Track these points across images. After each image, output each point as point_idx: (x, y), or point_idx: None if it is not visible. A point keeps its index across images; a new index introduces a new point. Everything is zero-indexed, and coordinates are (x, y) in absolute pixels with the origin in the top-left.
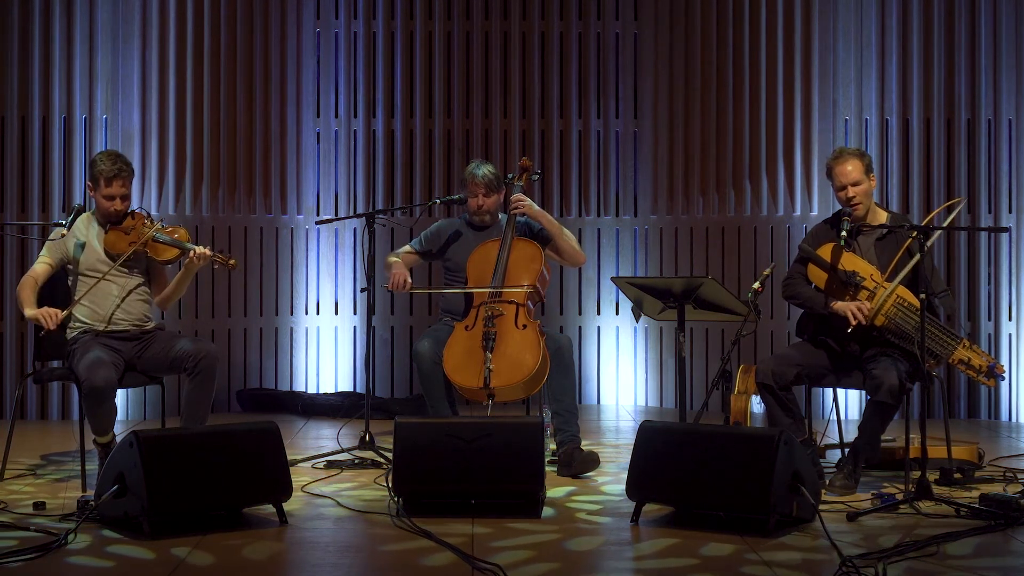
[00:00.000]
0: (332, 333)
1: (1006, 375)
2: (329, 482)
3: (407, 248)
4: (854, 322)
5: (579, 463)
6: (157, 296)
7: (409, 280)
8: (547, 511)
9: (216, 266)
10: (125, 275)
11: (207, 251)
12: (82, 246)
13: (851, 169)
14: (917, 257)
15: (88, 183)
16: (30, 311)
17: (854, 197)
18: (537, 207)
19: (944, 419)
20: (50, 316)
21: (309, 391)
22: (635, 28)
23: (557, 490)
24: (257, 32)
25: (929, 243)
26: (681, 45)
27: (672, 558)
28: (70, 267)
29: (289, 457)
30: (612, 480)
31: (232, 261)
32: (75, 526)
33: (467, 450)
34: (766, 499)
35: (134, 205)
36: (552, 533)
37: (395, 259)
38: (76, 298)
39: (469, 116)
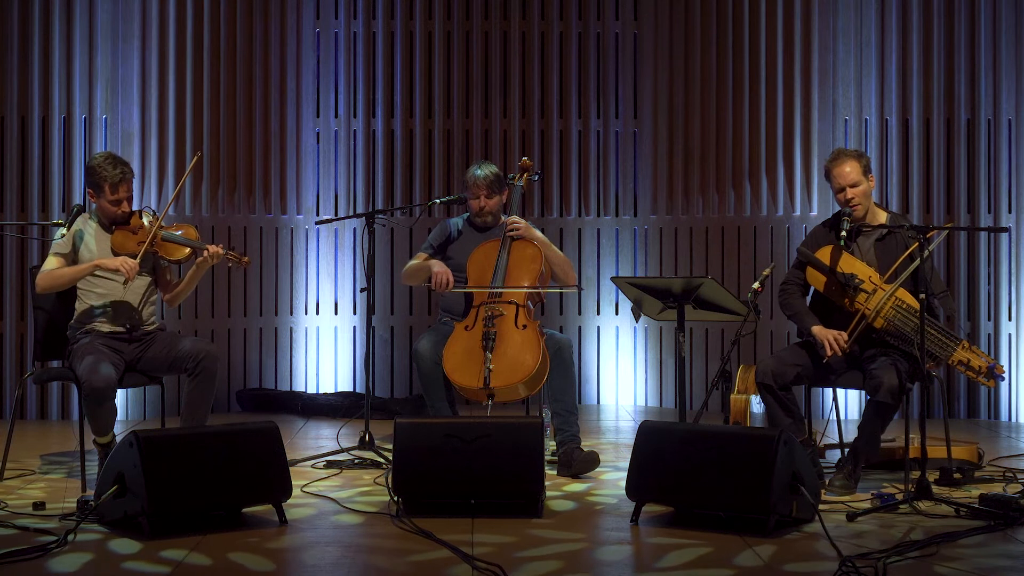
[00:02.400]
0: (332, 333)
1: (1006, 375)
2: (329, 482)
3: (422, 255)
4: (829, 353)
5: (579, 463)
6: (167, 294)
7: (452, 279)
8: (547, 511)
9: (230, 264)
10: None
11: (220, 249)
12: (84, 243)
13: (849, 171)
14: (916, 262)
15: (89, 190)
16: (105, 261)
17: (853, 199)
18: (535, 230)
19: (944, 419)
20: (131, 267)
21: (309, 391)
22: (635, 28)
23: (557, 490)
24: (257, 32)
25: (931, 247)
26: (681, 45)
27: (673, 560)
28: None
29: (289, 457)
30: (612, 480)
31: (246, 259)
32: (75, 526)
33: (467, 450)
34: (766, 499)
35: (135, 205)
36: (552, 534)
37: (428, 261)
38: (81, 297)
39: (469, 116)
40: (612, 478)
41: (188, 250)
